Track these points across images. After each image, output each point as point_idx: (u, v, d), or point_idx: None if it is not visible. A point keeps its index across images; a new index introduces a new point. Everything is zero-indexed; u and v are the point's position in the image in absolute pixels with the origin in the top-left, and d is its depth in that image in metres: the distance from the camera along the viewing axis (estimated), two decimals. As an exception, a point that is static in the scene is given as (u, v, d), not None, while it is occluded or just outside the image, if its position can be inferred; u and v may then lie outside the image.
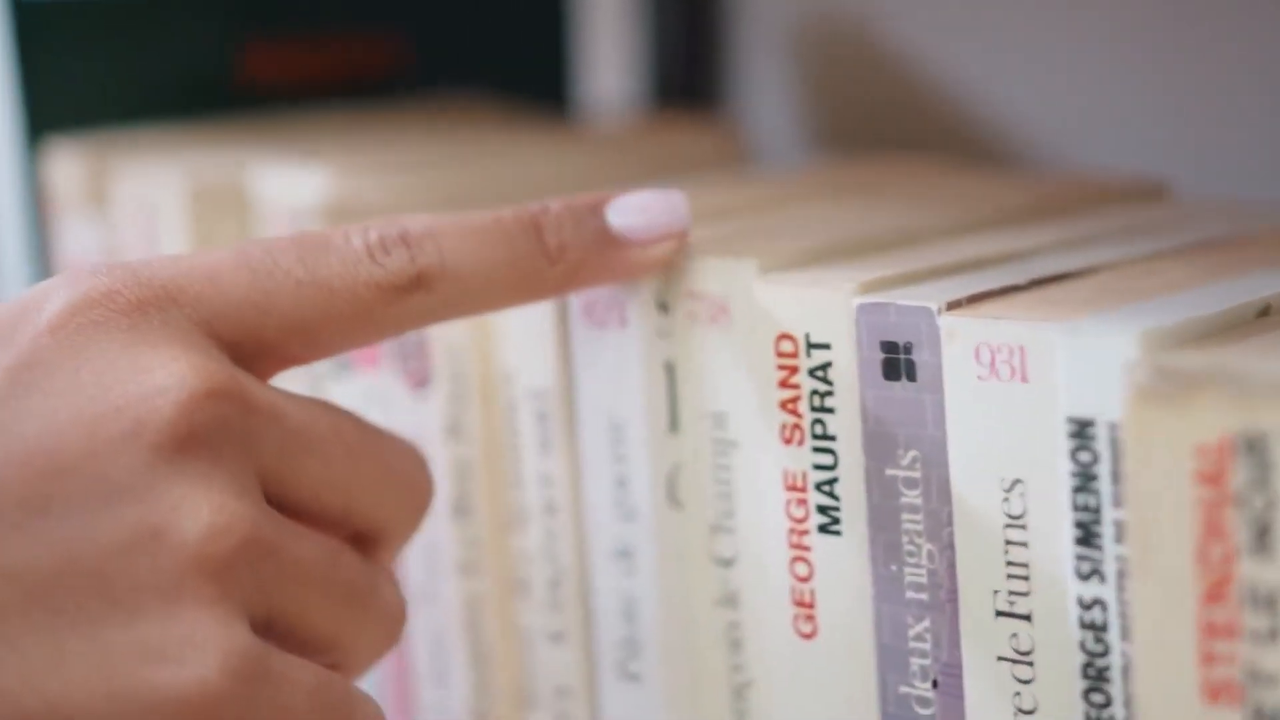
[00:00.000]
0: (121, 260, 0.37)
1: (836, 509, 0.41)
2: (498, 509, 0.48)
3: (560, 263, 0.40)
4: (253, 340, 0.37)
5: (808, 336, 0.41)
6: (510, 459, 0.47)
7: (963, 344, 0.38)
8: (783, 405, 0.42)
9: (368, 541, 0.38)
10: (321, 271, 0.38)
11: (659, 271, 0.42)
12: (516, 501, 0.48)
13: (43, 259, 0.60)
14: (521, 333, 0.46)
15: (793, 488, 0.42)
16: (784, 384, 0.42)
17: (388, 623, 0.38)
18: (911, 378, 0.39)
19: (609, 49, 0.80)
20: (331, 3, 0.67)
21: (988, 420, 0.38)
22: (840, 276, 0.41)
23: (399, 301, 0.38)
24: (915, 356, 0.39)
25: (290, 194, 0.54)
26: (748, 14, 0.76)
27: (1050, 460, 0.37)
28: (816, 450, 0.41)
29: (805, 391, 0.41)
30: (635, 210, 0.41)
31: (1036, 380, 0.37)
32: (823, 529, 0.41)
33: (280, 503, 0.36)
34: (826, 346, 0.41)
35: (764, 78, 0.76)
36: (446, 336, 0.48)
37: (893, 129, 0.71)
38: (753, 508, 0.43)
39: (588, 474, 0.46)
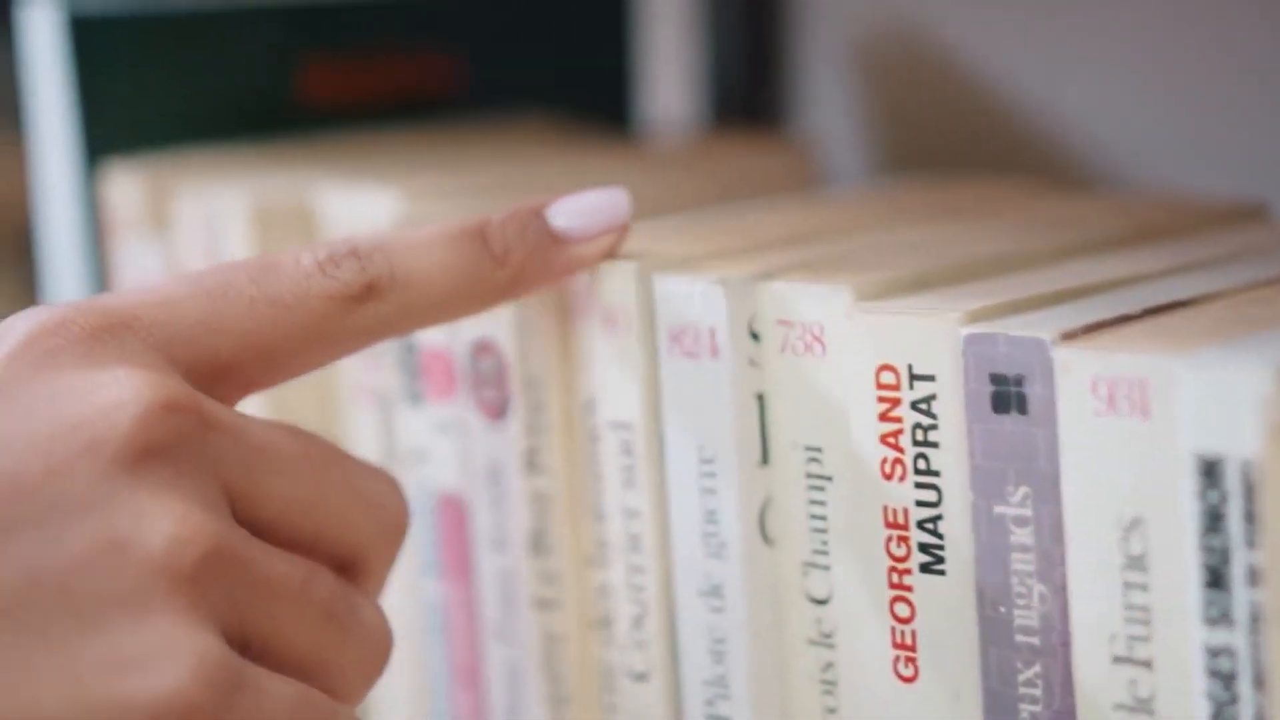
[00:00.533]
0: (72, 300, 0.38)
1: (940, 547, 0.39)
2: (578, 543, 0.47)
3: (507, 266, 0.41)
4: (210, 362, 0.37)
5: (910, 368, 0.39)
6: (592, 492, 0.46)
7: (1079, 377, 0.36)
8: (883, 439, 0.40)
9: (346, 568, 0.38)
10: (274, 289, 0.38)
11: (599, 264, 0.43)
12: (598, 536, 0.46)
13: (103, 282, 0.59)
14: (605, 361, 0.45)
15: (893, 525, 0.40)
16: (884, 417, 0.40)
17: (370, 647, 0.38)
18: (1023, 411, 0.38)
19: (670, 65, 0.78)
20: (388, 21, 0.66)
21: (1105, 457, 0.36)
22: (944, 305, 0.39)
23: (352, 312, 0.39)
24: (1027, 389, 0.37)
25: (357, 216, 0.52)
26: (811, 28, 0.74)
27: (1174, 499, 0.35)
28: (919, 486, 0.40)
29: (907, 425, 0.40)
30: (576, 210, 0.43)
31: (1158, 415, 0.35)
32: (925, 568, 0.40)
33: (249, 522, 0.36)
34: (931, 378, 0.39)
35: (828, 94, 0.74)
36: (525, 365, 0.47)
37: (963, 147, 0.69)
38: (849, 545, 0.41)
39: (675, 508, 0.44)
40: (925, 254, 0.44)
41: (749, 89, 0.76)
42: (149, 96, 0.61)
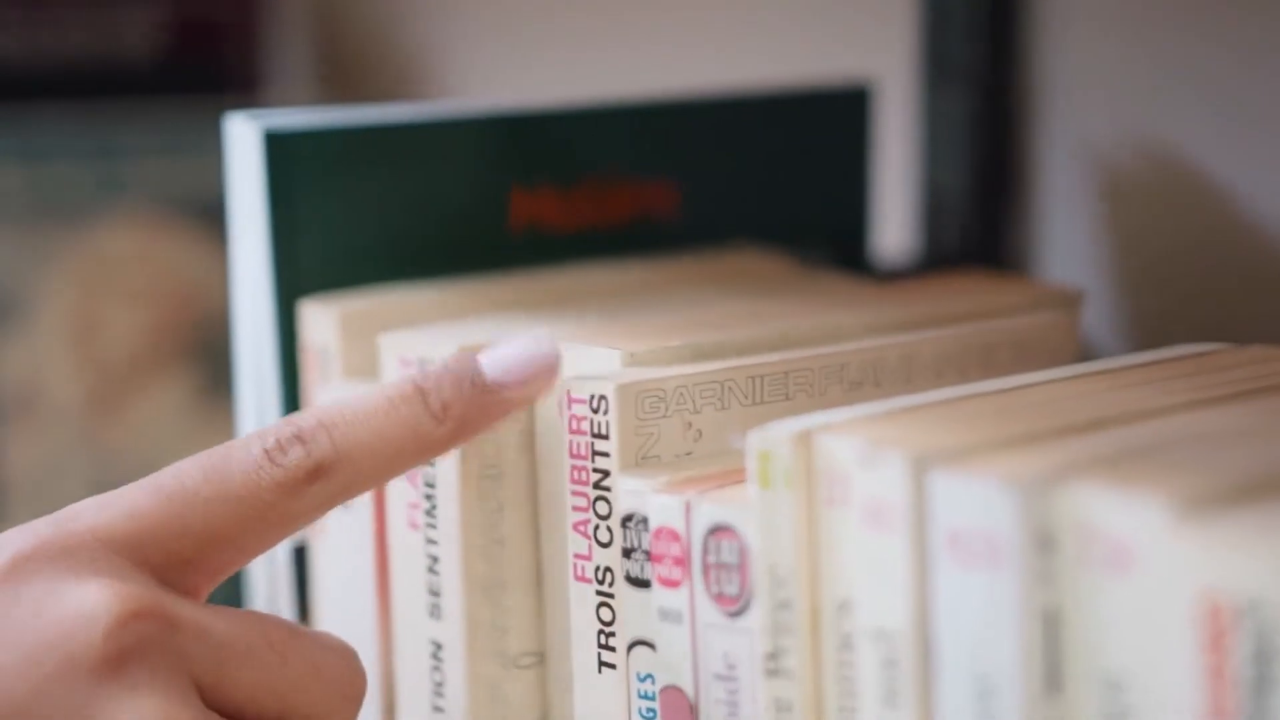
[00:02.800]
0: (49, 516, 0.42)
1: (1276, 815, 0.33)
2: (824, 761, 0.41)
3: (447, 421, 0.43)
4: (176, 560, 0.42)
5: (1248, 600, 0.33)
6: (844, 706, 0.40)
7: None
8: (1207, 679, 0.34)
9: None
10: (227, 486, 0.42)
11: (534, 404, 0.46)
12: (849, 755, 0.40)
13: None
14: (866, 561, 0.39)
15: (1216, 782, 0.34)
16: (1210, 653, 0.34)
17: None
18: (1391, 666, 0.32)
19: (892, 199, 0.73)
20: (598, 149, 0.62)
21: None
22: (1291, 530, 0.33)
23: (302, 495, 0.42)
24: (1398, 641, 0.31)
25: (583, 371, 0.48)
26: (1048, 153, 0.69)
27: None
28: (1252, 739, 0.34)
29: (1240, 665, 0.34)
30: (508, 358, 0.44)
31: None
32: (1254, 835, 0.34)
33: (219, 708, 0.40)
34: (1271, 614, 0.33)
35: (1067, 233, 0.68)
36: (770, 554, 0.41)
37: (1241, 302, 0.63)
38: (1157, 797, 0.35)
39: (943, 734, 0.38)
40: (1249, 452, 0.38)
41: (979, 222, 0.71)
42: (348, 214, 0.57)
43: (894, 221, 0.73)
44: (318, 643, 0.43)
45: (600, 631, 0.46)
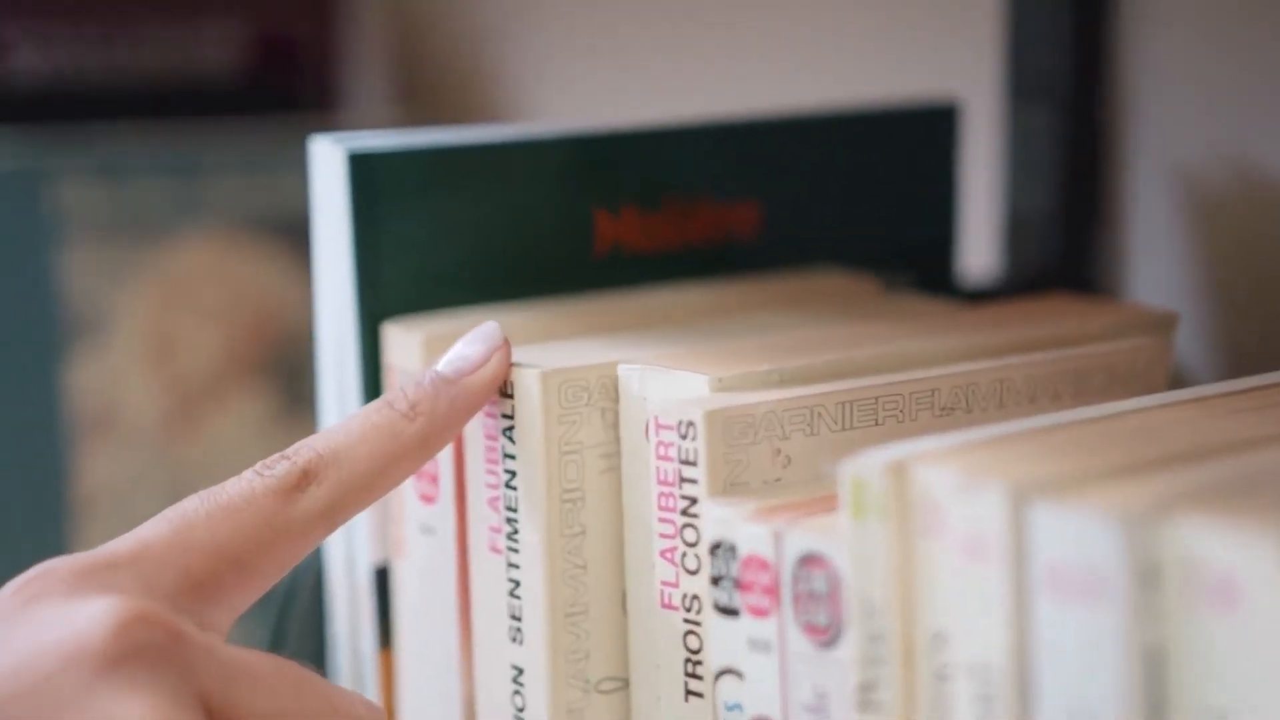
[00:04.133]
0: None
1: None
2: (917, 796, 0.40)
3: (417, 418, 0.47)
4: (187, 581, 0.43)
5: (1362, 641, 0.33)
6: (939, 740, 0.40)
7: None
8: (1319, 721, 0.33)
9: None
10: (222, 499, 0.44)
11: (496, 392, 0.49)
12: (943, 791, 0.40)
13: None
14: (962, 592, 0.39)
15: (1328, 825, 0.33)
16: (1322, 694, 0.33)
17: None
18: None
19: (977, 219, 0.72)
20: (681, 169, 0.61)
21: None
22: None
23: (297, 501, 0.45)
24: None
25: (670, 396, 0.47)
26: (1137, 179, 0.68)
27: None
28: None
29: (1353, 708, 0.33)
30: (457, 352, 0.49)
31: None
32: None
33: None
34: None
35: (1155, 256, 0.67)
36: (863, 585, 0.41)
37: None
38: (1265, 839, 0.34)
39: (1042, 772, 0.38)
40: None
41: (1065, 244, 0.70)
42: (432, 236, 0.56)
43: (979, 242, 0.72)
44: (335, 688, 0.43)
45: (687, 660, 0.46)
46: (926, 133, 0.65)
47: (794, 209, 0.63)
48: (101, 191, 0.94)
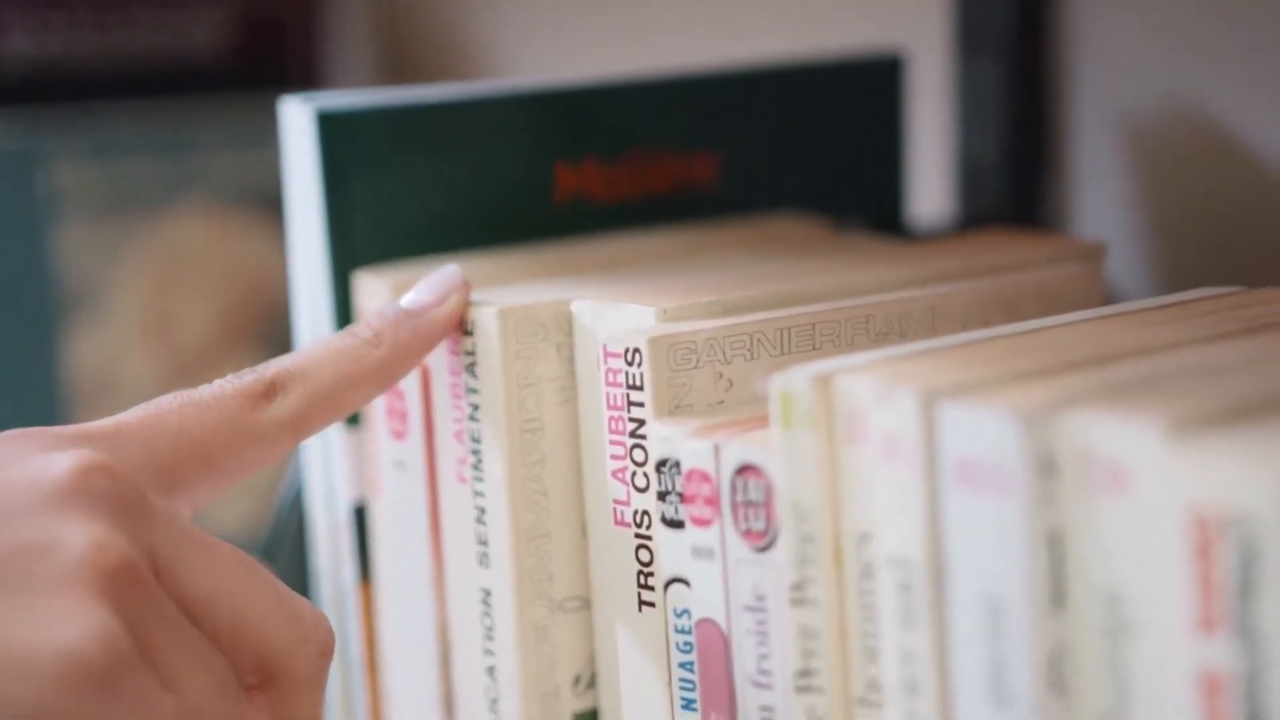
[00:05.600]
0: None
1: (1263, 713, 0.35)
2: (849, 683, 0.43)
3: (380, 344, 0.50)
4: (153, 462, 0.45)
5: (1232, 513, 0.35)
6: (865, 630, 0.43)
7: None
8: (1197, 589, 0.36)
9: (265, 678, 0.43)
10: (194, 397, 0.47)
11: (456, 328, 0.52)
12: (870, 677, 0.43)
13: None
14: (882, 491, 0.42)
15: (1207, 686, 0.36)
16: (1199, 565, 0.36)
17: None
18: (1364, 567, 0.34)
19: (930, 167, 0.75)
20: (640, 123, 0.64)
21: None
22: (1275, 442, 0.35)
23: (264, 408, 0.47)
24: (1369, 542, 0.33)
25: (619, 328, 0.50)
26: (1081, 115, 0.71)
27: None
28: (1238, 643, 0.36)
29: (1227, 576, 0.36)
30: (420, 287, 0.52)
31: None
32: (1244, 734, 0.36)
33: (173, 595, 0.42)
34: (1255, 525, 0.35)
35: (1101, 190, 0.70)
36: (793, 491, 0.44)
37: (1255, 255, 0.65)
38: (1155, 703, 0.37)
39: (957, 652, 0.41)
40: (1242, 380, 0.40)
41: (1015, 188, 0.72)
42: (399, 191, 0.59)
43: (933, 189, 0.75)
44: (290, 590, 0.44)
45: (639, 572, 0.49)
46: (874, 83, 0.68)
47: (749, 158, 0.66)
48: (95, 170, 0.97)
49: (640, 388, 0.48)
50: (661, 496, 0.48)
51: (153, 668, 0.40)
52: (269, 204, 0.99)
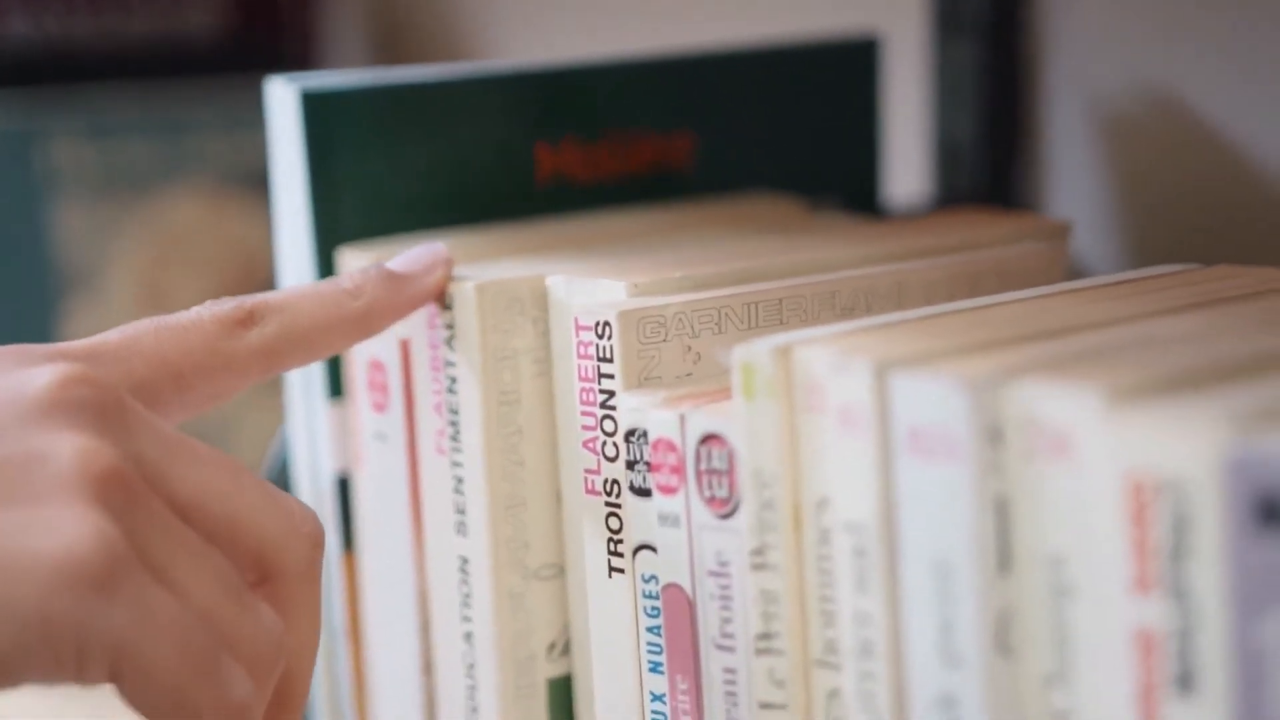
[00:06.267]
0: None
1: (1194, 670, 0.37)
2: (807, 645, 0.45)
3: (361, 297, 0.51)
4: (129, 380, 0.45)
5: (1165, 479, 0.37)
6: (823, 594, 0.44)
7: (1351, 494, 0.34)
8: (1133, 552, 0.38)
9: (261, 574, 0.44)
10: (171, 321, 0.48)
11: (433, 300, 0.53)
12: (828, 640, 0.44)
13: (339, 372, 0.59)
14: (838, 459, 0.43)
15: (1142, 644, 0.38)
16: (1135, 529, 0.38)
17: (261, 643, 0.42)
18: (1288, 529, 0.35)
19: (908, 148, 0.76)
20: (619, 103, 0.65)
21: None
22: (1207, 412, 0.37)
23: (240, 336, 0.48)
24: (1293, 505, 0.35)
25: (591, 302, 0.51)
26: (1055, 102, 0.72)
27: None
28: (1171, 603, 0.37)
29: (1161, 538, 0.37)
30: (405, 257, 0.53)
31: None
32: (1175, 691, 0.37)
33: (166, 501, 0.42)
34: (1188, 490, 0.37)
35: (1075, 173, 0.72)
36: (754, 459, 0.45)
37: (1227, 231, 0.66)
38: (1095, 661, 0.39)
39: (909, 614, 0.42)
40: (1185, 352, 0.42)
41: (991, 169, 0.74)
42: (382, 169, 0.61)
43: (911, 170, 0.77)
44: (276, 488, 0.45)
45: (610, 539, 0.50)
46: (850, 65, 0.70)
47: (726, 139, 0.67)
48: (92, 150, 0.99)
49: (610, 360, 0.50)
50: (630, 465, 0.49)
51: (151, 570, 0.40)
52: (264, 184, 1.00)
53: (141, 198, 1.00)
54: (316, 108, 0.59)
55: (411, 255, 0.53)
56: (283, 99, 0.59)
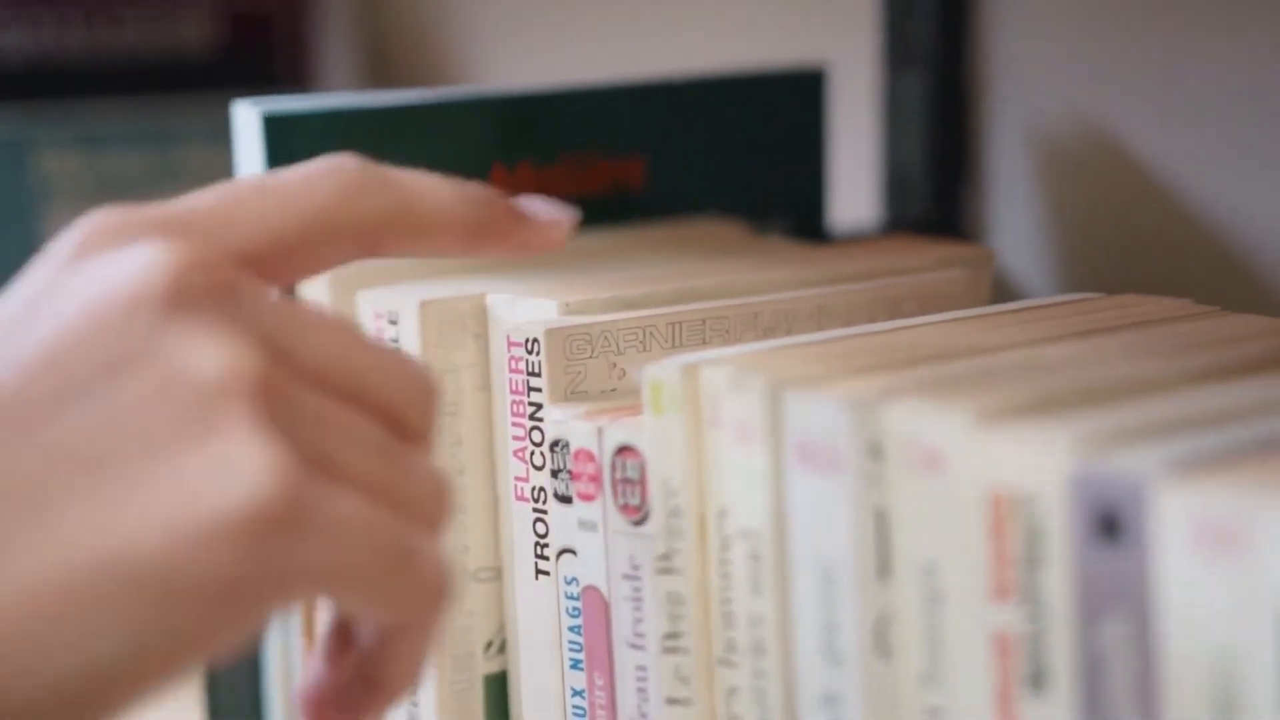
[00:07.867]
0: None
1: (1045, 670, 0.40)
2: (710, 645, 0.48)
3: (481, 208, 0.45)
4: (232, 248, 0.40)
5: (1021, 494, 0.40)
6: (724, 597, 0.47)
7: (1182, 515, 0.37)
8: (993, 561, 0.41)
9: (392, 427, 0.39)
10: (282, 177, 0.42)
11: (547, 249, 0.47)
12: (728, 639, 0.47)
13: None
14: (735, 471, 0.46)
15: (1000, 646, 0.41)
16: (995, 539, 0.41)
17: (433, 488, 0.39)
18: (1128, 542, 0.38)
19: (857, 176, 0.79)
20: (574, 128, 0.68)
21: (1205, 591, 0.37)
22: (1059, 432, 0.40)
23: (354, 204, 0.42)
24: (1132, 522, 0.38)
25: (524, 320, 0.55)
26: (998, 132, 0.75)
27: (1267, 638, 0.35)
28: (1025, 608, 0.40)
29: (1016, 548, 0.40)
30: (534, 201, 0.47)
31: (1252, 557, 0.36)
32: (1030, 688, 0.40)
33: (293, 374, 0.37)
34: (1040, 504, 0.40)
35: (1014, 204, 0.75)
36: (663, 470, 0.48)
37: (1155, 261, 0.69)
38: (961, 662, 0.42)
39: (797, 617, 0.45)
40: (1056, 376, 0.45)
41: (936, 196, 0.77)
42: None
43: (859, 195, 0.80)
44: (383, 340, 0.41)
45: (536, 543, 0.54)
46: (798, 95, 0.73)
47: (677, 164, 0.70)
48: (83, 161, 1.02)
49: (539, 374, 0.53)
50: (555, 474, 0.52)
51: (325, 472, 0.36)
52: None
53: (131, 208, 1.03)
54: (278, 130, 0.62)
55: (541, 204, 0.47)
56: (246, 121, 0.63)
